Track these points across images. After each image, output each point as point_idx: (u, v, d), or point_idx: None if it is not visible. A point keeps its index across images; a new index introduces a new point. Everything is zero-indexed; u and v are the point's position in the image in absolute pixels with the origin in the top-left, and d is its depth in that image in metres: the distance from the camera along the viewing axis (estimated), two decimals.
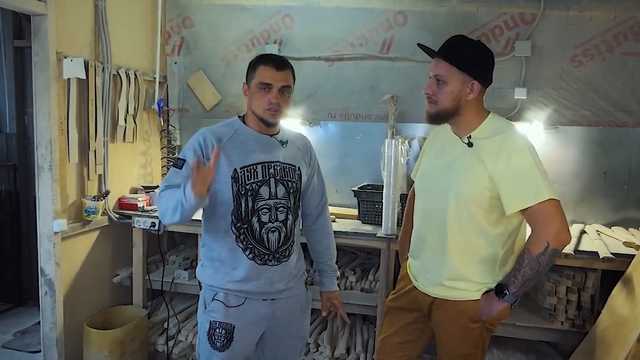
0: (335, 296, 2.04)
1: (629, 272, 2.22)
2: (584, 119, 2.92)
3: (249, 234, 1.73)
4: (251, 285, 1.74)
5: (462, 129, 1.73)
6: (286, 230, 1.78)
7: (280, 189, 1.77)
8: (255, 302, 1.77)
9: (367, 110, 3.25)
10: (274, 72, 1.71)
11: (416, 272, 1.86)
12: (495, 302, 1.66)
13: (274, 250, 1.76)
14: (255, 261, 1.74)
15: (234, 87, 3.42)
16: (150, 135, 3.44)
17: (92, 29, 2.84)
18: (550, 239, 1.55)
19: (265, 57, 1.76)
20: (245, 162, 1.73)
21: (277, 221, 1.76)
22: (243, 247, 1.73)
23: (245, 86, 1.79)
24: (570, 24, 2.88)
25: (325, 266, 2.04)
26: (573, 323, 2.52)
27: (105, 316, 2.96)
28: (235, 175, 1.71)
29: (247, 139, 1.76)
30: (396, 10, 3.11)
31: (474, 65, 1.66)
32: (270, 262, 1.76)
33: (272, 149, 1.79)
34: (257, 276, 1.74)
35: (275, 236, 1.76)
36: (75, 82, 2.69)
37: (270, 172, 1.76)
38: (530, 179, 1.58)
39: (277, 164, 1.78)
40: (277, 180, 1.76)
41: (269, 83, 1.70)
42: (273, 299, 1.79)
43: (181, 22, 3.46)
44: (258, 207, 1.73)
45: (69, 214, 2.77)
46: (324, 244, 2.03)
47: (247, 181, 1.72)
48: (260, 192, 1.73)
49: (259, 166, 1.74)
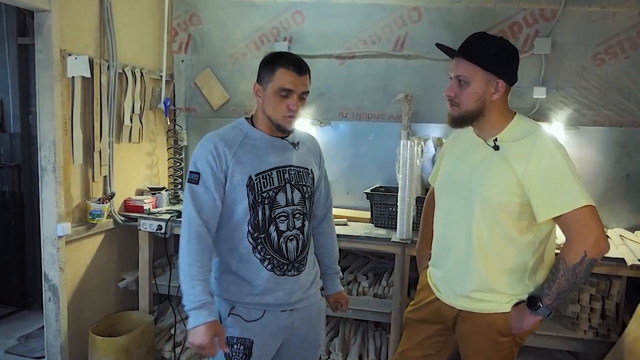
0: (342, 296, 1.98)
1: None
2: (606, 119, 2.81)
3: (266, 244, 1.64)
4: (270, 297, 1.65)
5: (487, 131, 1.63)
6: (303, 238, 1.70)
7: (296, 195, 1.68)
8: (274, 315, 1.68)
9: (379, 110, 3.15)
10: (295, 77, 1.59)
11: (439, 283, 1.76)
12: (527, 315, 1.56)
13: (293, 260, 1.67)
14: (275, 272, 1.65)
15: (242, 85, 3.33)
16: (157, 136, 3.35)
17: (97, 26, 2.76)
18: (587, 248, 1.45)
19: (284, 58, 1.62)
20: (260, 168, 1.63)
21: (294, 229, 1.67)
22: (261, 258, 1.64)
23: (257, 86, 1.66)
24: (592, 20, 2.77)
25: (329, 269, 1.96)
26: (597, 332, 2.43)
27: (110, 322, 2.89)
28: (250, 183, 1.61)
29: (258, 143, 1.66)
30: (411, 6, 3.00)
31: (498, 63, 1.56)
32: (289, 272, 1.67)
33: (284, 152, 1.69)
34: (276, 288, 1.65)
35: (293, 244, 1.67)
36: (79, 81, 2.61)
37: (285, 177, 1.66)
38: (564, 184, 1.48)
39: (292, 168, 1.69)
40: (292, 185, 1.67)
41: (291, 89, 1.59)
42: (292, 309, 1.71)
43: (188, 18, 3.37)
44: (275, 215, 1.63)
45: (73, 217, 2.69)
46: (328, 247, 1.95)
47: (263, 189, 1.62)
48: (277, 199, 1.64)
49: (274, 172, 1.65)
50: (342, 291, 1.97)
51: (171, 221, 2.86)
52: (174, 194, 3.28)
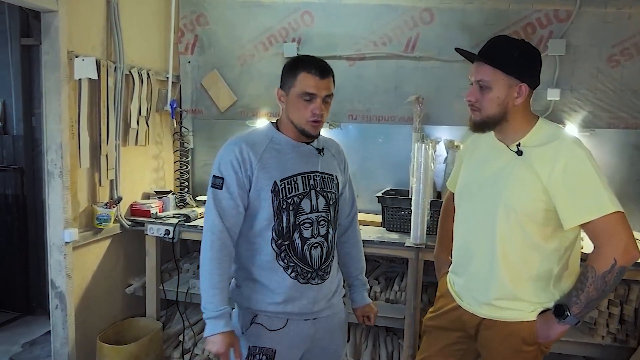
0: (370, 309, 1.92)
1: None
2: (621, 121, 2.77)
3: (290, 251, 1.60)
4: (294, 306, 1.61)
5: (510, 136, 1.58)
6: (328, 246, 1.66)
7: (320, 201, 1.64)
8: (297, 324, 1.64)
9: (389, 112, 3.11)
10: (317, 81, 1.55)
11: (460, 291, 1.72)
12: (554, 324, 1.52)
13: (317, 268, 1.63)
14: (298, 280, 1.61)
15: (250, 87, 3.28)
16: (163, 138, 3.30)
17: (104, 27, 2.70)
18: (617, 255, 1.41)
19: (306, 63, 1.58)
20: (285, 173, 1.59)
21: (319, 236, 1.63)
22: (284, 266, 1.60)
23: (280, 92, 1.62)
24: (607, 21, 2.73)
25: (356, 280, 1.91)
26: (615, 337, 2.40)
27: (118, 329, 2.83)
28: (275, 188, 1.57)
29: (283, 148, 1.62)
30: (422, 7, 2.96)
31: (521, 66, 1.52)
32: (313, 280, 1.63)
33: (310, 158, 1.65)
34: (299, 296, 1.61)
35: (317, 252, 1.63)
36: (86, 83, 2.56)
37: (310, 183, 1.62)
38: (591, 189, 1.44)
39: (317, 174, 1.65)
40: (317, 192, 1.63)
41: (313, 93, 1.55)
42: (315, 318, 1.67)
43: (195, 19, 3.32)
44: (300, 222, 1.59)
45: (80, 222, 2.63)
46: (354, 256, 1.91)
47: (288, 194, 1.58)
48: (302, 206, 1.60)
49: (299, 177, 1.61)
50: (370, 304, 1.92)
51: (179, 225, 2.81)
52: (180, 197, 3.22)
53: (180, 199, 3.23)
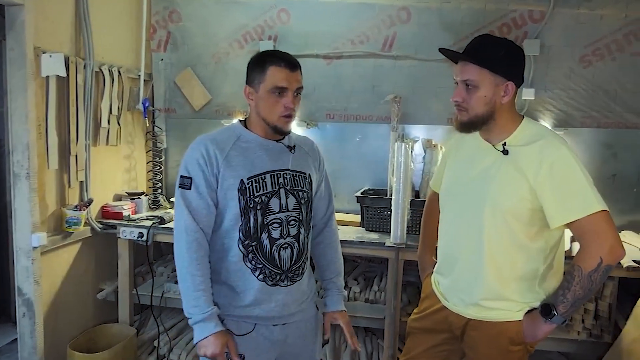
0: (341, 315, 1.76)
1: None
2: (593, 120, 2.83)
3: (258, 252, 1.55)
4: (261, 309, 1.56)
5: (495, 135, 1.58)
6: (299, 246, 1.61)
7: (291, 200, 1.59)
8: (265, 328, 1.59)
9: (367, 111, 3.10)
10: (288, 74, 1.52)
11: (446, 291, 1.71)
12: (541, 324, 1.52)
13: (287, 269, 1.58)
14: (266, 282, 1.56)
15: (225, 86, 3.21)
16: (135, 138, 3.20)
17: (73, 22, 2.59)
18: (603, 254, 1.42)
19: (274, 56, 1.55)
20: (252, 171, 1.54)
21: (289, 236, 1.58)
22: (252, 267, 1.55)
23: (248, 89, 1.57)
24: (580, 22, 2.79)
25: (330, 283, 1.80)
26: (590, 333, 2.44)
27: (89, 336, 2.73)
28: (242, 187, 1.52)
29: (251, 146, 1.57)
30: (399, 5, 2.95)
31: (507, 64, 1.52)
32: (282, 282, 1.58)
33: (280, 155, 1.60)
34: (267, 299, 1.56)
35: (287, 253, 1.58)
36: (54, 80, 2.45)
37: (279, 181, 1.58)
38: (577, 188, 1.45)
39: (287, 172, 1.60)
40: (287, 190, 1.59)
41: (285, 87, 1.52)
42: (284, 323, 1.62)
43: (167, 15, 3.23)
44: (268, 222, 1.55)
45: (49, 226, 2.52)
46: (330, 258, 1.82)
47: (255, 193, 1.53)
48: (270, 205, 1.55)
49: (268, 175, 1.56)
50: (344, 311, 1.78)
51: (153, 228, 2.73)
52: (153, 199, 3.13)
53: (154, 200, 3.14)
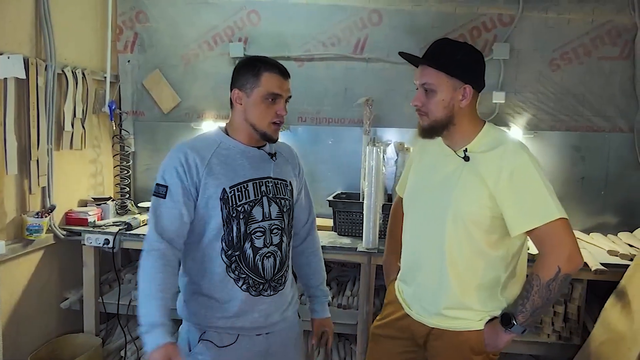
0: (328, 323, 1.84)
1: (622, 285, 2.15)
2: (562, 124, 2.86)
3: (241, 262, 1.51)
4: (245, 320, 1.53)
5: (457, 141, 1.56)
6: (281, 255, 1.58)
7: (273, 209, 1.56)
8: (248, 339, 1.55)
9: (339, 114, 3.07)
10: (281, 81, 1.51)
11: (409, 299, 1.68)
12: (501, 333, 1.51)
13: (270, 279, 1.55)
14: (250, 292, 1.52)
15: (195, 88, 3.15)
16: (101, 141, 3.11)
17: (33, 22, 2.50)
18: (561, 263, 1.41)
19: (267, 63, 1.52)
20: (235, 180, 1.50)
21: (272, 245, 1.55)
22: (235, 278, 1.51)
23: (238, 93, 1.52)
24: (548, 26, 2.81)
25: (317, 291, 1.82)
26: (560, 335, 2.46)
27: (52, 347, 2.63)
28: (224, 196, 1.48)
29: (232, 153, 1.54)
30: (371, 8, 2.94)
31: (464, 68, 1.50)
32: (265, 292, 1.55)
33: (261, 163, 1.57)
34: (251, 310, 1.53)
35: (270, 262, 1.55)
36: (13, 83, 2.35)
37: (262, 190, 1.54)
38: (537, 196, 1.43)
39: (269, 180, 1.57)
40: (269, 198, 1.55)
41: (279, 94, 1.50)
42: (268, 332, 1.58)
43: (134, 16, 3.15)
44: (251, 231, 1.51)
45: (8, 233, 2.42)
46: (314, 266, 1.82)
47: (238, 202, 1.50)
48: (253, 214, 1.52)
49: (250, 184, 1.52)
50: (329, 318, 1.83)
51: (120, 234, 2.65)
52: (121, 204, 3.04)
53: (121, 205, 3.05)
